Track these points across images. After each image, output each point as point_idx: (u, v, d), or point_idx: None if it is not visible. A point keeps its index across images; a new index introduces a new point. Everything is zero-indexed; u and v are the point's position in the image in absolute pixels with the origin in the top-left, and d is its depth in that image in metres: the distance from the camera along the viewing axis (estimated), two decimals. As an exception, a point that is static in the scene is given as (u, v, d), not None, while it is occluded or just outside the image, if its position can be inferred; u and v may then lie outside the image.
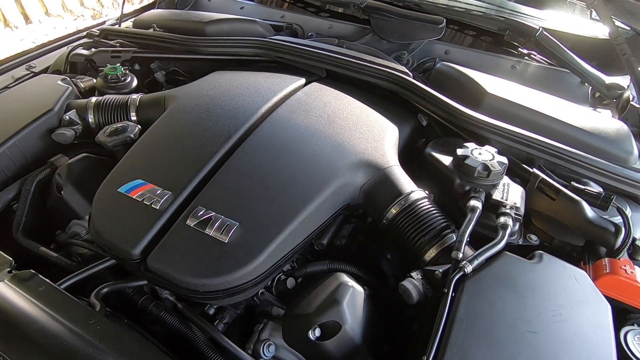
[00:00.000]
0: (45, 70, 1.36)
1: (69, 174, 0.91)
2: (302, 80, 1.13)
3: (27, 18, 4.15)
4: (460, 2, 1.38)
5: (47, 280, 0.68)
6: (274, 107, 0.98)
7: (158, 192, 0.76)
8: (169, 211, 0.74)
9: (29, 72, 1.36)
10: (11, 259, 0.71)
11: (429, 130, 1.14)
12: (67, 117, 1.01)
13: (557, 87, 1.29)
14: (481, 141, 0.98)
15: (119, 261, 0.76)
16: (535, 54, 1.37)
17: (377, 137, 0.94)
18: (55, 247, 0.91)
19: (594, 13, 1.38)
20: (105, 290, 0.73)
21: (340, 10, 1.56)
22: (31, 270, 0.68)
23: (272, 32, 1.45)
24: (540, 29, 1.26)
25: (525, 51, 1.38)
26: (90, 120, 1.04)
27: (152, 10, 1.62)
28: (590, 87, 1.28)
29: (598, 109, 1.25)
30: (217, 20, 1.38)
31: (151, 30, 1.42)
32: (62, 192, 0.89)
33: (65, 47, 1.51)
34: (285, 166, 0.83)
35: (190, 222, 0.72)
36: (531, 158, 0.97)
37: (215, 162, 0.83)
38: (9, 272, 0.68)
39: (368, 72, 1.15)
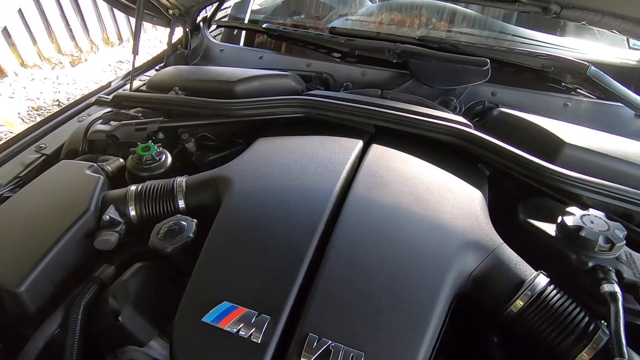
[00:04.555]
0: (58, 150, 1.21)
1: (125, 294, 0.76)
2: (360, 143, 1.03)
3: (1, 72, 3.91)
4: (498, 39, 1.33)
5: None
6: (346, 184, 0.88)
7: (253, 319, 0.63)
8: (272, 343, 0.61)
9: (39, 154, 1.20)
10: None
11: (492, 180, 1.06)
12: (107, 217, 0.86)
13: (611, 121, 1.24)
14: (569, 197, 0.91)
15: None
16: (581, 88, 1.33)
17: (470, 209, 0.84)
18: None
19: (632, 41, 1.36)
20: None
21: (373, 55, 1.48)
22: None
23: (303, 85, 1.36)
24: (589, 65, 1.22)
25: (570, 86, 1.34)
26: (131, 214, 0.90)
27: (167, 70, 1.48)
28: (645, 120, 1.24)
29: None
30: (247, 79, 1.27)
31: (173, 93, 1.30)
32: (120, 318, 0.74)
33: (75, 119, 1.37)
34: (388, 263, 0.72)
35: (307, 358, 0.59)
36: (629, 214, 0.90)
37: (307, 268, 0.71)
38: None
39: (426, 127, 1.06)
